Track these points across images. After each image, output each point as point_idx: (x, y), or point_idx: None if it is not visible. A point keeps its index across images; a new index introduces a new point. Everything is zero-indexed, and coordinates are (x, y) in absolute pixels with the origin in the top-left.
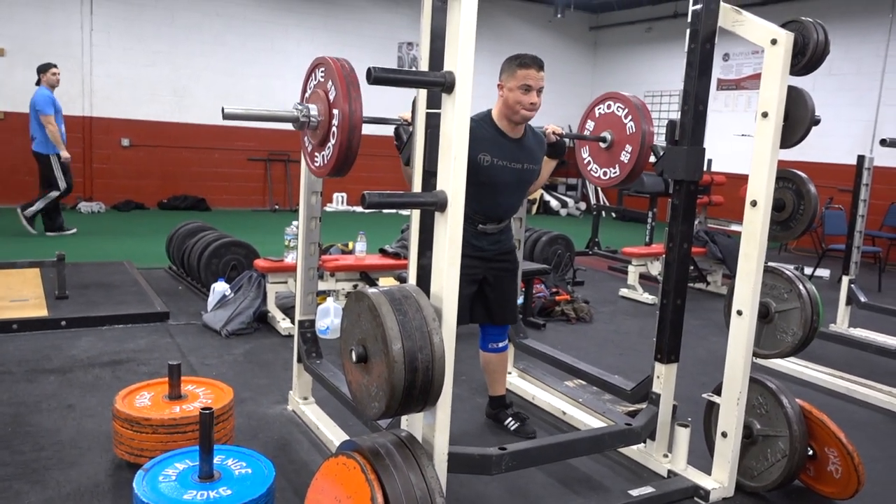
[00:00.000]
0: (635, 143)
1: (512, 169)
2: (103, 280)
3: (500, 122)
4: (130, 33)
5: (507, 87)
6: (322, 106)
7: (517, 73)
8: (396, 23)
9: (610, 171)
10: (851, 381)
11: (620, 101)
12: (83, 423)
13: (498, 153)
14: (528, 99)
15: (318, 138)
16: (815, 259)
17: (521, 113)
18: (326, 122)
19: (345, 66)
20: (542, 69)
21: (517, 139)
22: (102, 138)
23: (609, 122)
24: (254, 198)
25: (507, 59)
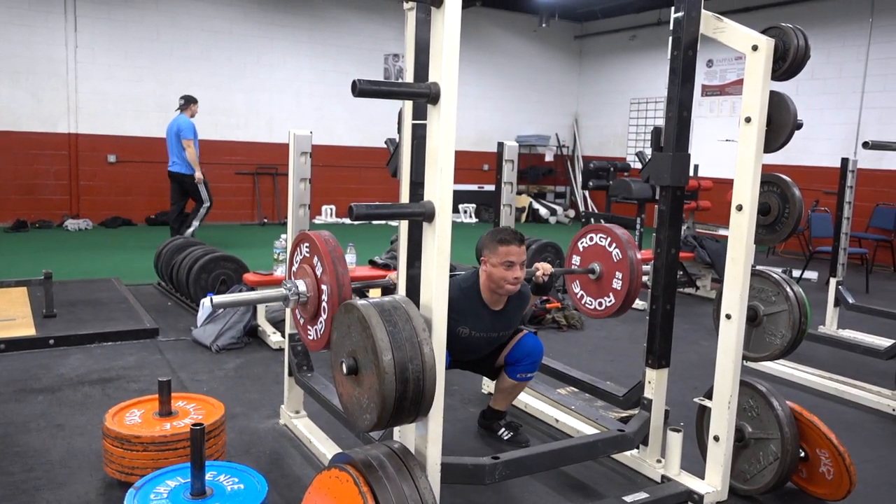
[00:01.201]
0: (625, 269)
1: (488, 338)
2: (91, 297)
3: (485, 294)
4: (115, 49)
5: (491, 263)
6: (310, 281)
7: (499, 250)
8: (382, 35)
9: (605, 300)
10: (841, 382)
11: (602, 231)
12: (73, 443)
13: (477, 326)
14: (511, 275)
15: (310, 313)
16: (802, 261)
17: (505, 288)
18: (316, 298)
19: (328, 241)
20: (523, 243)
21: (499, 310)
22: (89, 155)
23: (595, 254)
24: (242, 212)
25: (487, 234)
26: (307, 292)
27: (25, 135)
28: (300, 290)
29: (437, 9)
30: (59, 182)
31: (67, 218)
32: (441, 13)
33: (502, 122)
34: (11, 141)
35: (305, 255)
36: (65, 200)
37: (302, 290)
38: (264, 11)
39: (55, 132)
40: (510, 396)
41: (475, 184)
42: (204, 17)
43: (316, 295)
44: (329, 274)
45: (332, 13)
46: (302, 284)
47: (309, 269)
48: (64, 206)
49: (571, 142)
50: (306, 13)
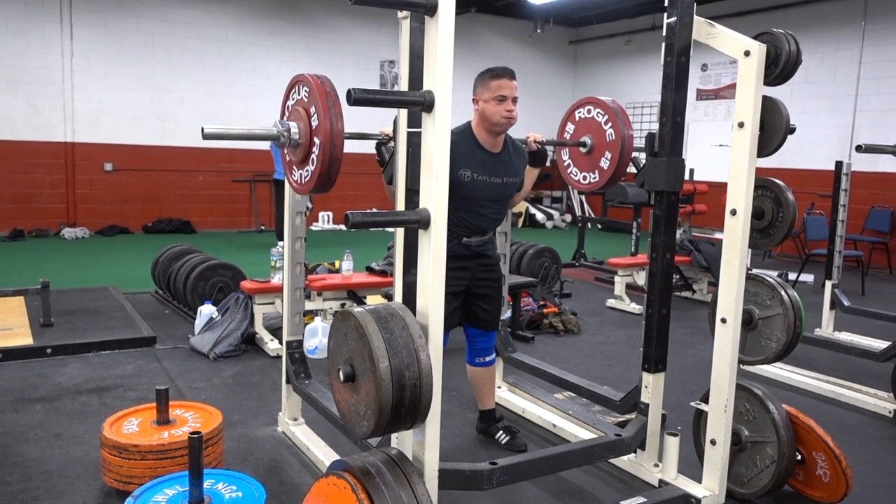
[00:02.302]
0: (615, 149)
1: (493, 183)
2: (88, 306)
3: (480, 136)
4: (111, 58)
5: (483, 100)
6: (303, 124)
7: (490, 84)
8: (378, 42)
9: (590, 175)
10: (837, 384)
11: (599, 106)
12: (71, 452)
13: (479, 168)
14: (503, 108)
15: (300, 156)
16: (798, 264)
17: (499, 122)
18: (308, 140)
19: (325, 82)
20: (514, 78)
21: (497, 153)
22: (85, 164)
23: (589, 127)
24: (239, 219)
25: (479, 73)
26: (299, 134)
27: (22, 143)
28: (292, 132)
29: (431, 17)
30: (56, 191)
31: (64, 226)
32: (435, 22)
33: None
34: (8, 150)
35: (300, 98)
36: (61, 209)
37: (294, 132)
38: (260, 19)
39: (51, 141)
40: (486, 388)
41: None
42: (199, 25)
43: (308, 137)
44: (323, 114)
45: (327, 20)
46: (294, 126)
47: (302, 111)
48: (61, 214)
49: None
50: (301, 20)
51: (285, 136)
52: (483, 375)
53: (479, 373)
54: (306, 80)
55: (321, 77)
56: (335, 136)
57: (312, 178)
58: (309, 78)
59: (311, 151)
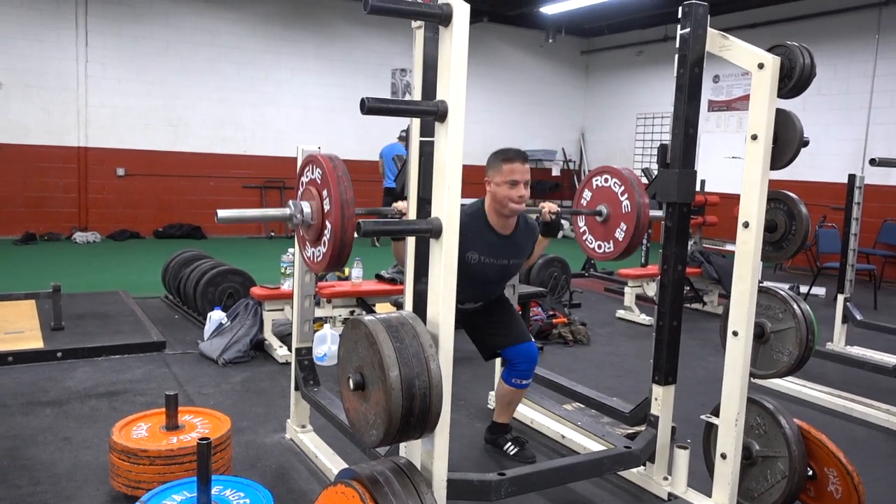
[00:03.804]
0: (630, 221)
1: (498, 265)
2: (99, 310)
3: (492, 218)
4: (125, 64)
5: (495, 183)
6: (315, 204)
7: (503, 168)
8: (390, 50)
9: (605, 245)
10: (849, 399)
11: (616, 176)
12: (80, 456)
13: (486, 251)
14: (515, 193)
15: (313, 236)
16: (810, 278)
17: (510, 207)
18: (320, 223)
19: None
20: (527, 161)
21: (507, 236)
22: (98, 168)
23: (605, 196)
24: (249, 225)
25: (491, 154)
26: (312, 214)
27: (35, 148)
28: (304, 211)
29: (446, 28)
30: (68, 195)
31: (76, 231)
32: (449, 32)
33: (509, 136)
34: (21, 154)
35: (311, 178)
36: (73, 213)
37: (307, 213)
38: (272, 27)
39: (65, 145)
40: (510, 407)
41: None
42: (213, 33)
43: (320, 218)
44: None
45: (339, 28)
46: (307, 206)
47: (315, 191)
48: (72, 218)
49: (578, 156)
50: (314, 28)
51: (298, 217)
52: (514, 395)
53: (510, 391)
54: (319, 162)
55: (333, 159)
56: (346, 223)
57: (325, 260)
58: (320, 158)
59: (322, 233)
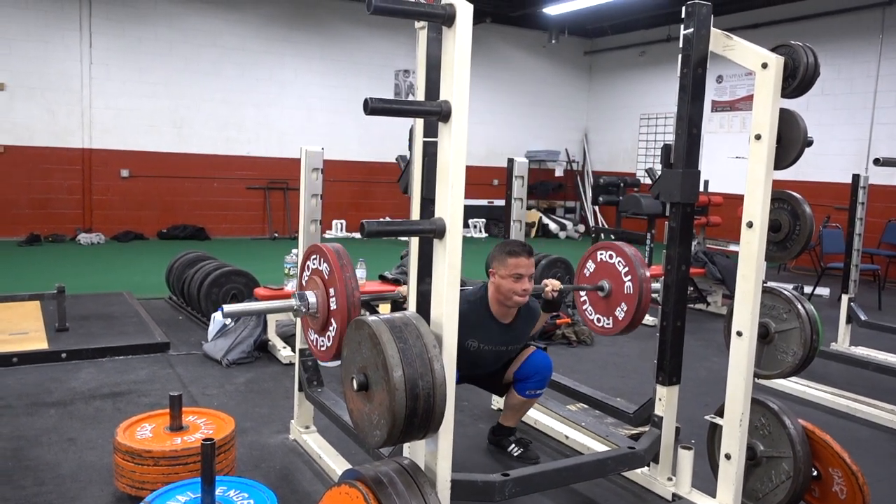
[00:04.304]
0: (631, 302)
1: (498, 351)
2: (103, 311)
3: (494, 307)
4: (129, 66)
5: (500, 275)
6: (320, 293)
7: (508, 262)
8: (393, 51)
9: (605, 320)
10: (854, 399)
11: (619, 254)
12: (84, 457)
13: (486, 339)
14: (520, 287)
15: (319, 324)
16: (814, 278)
17: (513, 300)
18: (325, 310)
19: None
20: (532, 255)
21: (508, 324)
22: (102, 170)
23: (607, 272)
24: (253, 226)
25: (496, 246)
26: (316, 304)
27: (39, 149)
28: (310, 302)
29: (449, 28)
30: (73, 196)
31: (80, 232)
32: (452, 32)
33: (512, 137)
34: (26, 155)
35: (316, 268)
36: (78, 214)
37: (311, 302)
38: (276, 28)
39: (69, 147)
40: (519, 413)
41: (485, 199)
42: (216, 34)
43: (325, 307)
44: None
45: (342, 30)
46: (312, 296)
47: (319, 281)
48: (77, 220)
49: (581, 157)
50: (317, 30)
51: (304, 309)
52: (524, 404)
53: (523, 402)
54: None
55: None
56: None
57: (330, 352)
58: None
59: (328, 325)
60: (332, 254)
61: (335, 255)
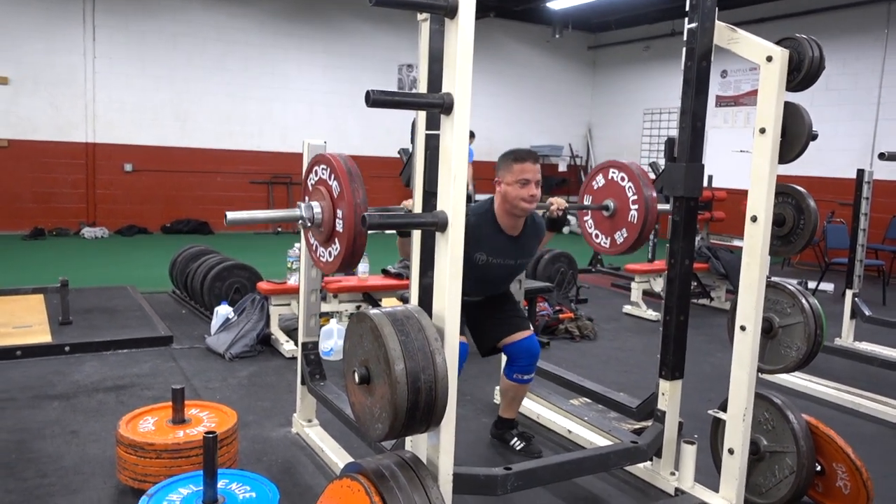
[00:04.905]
0: (638, 215)
1: (507, 265)
2: (107, 305)
3: (501, 219)
4: (132, 59)
5: (506, 183)
6: (326, 203)
7: (513, 167)
8: (396, 45)
9: (612, 239)
10: (858, 395)
11: (623, 170)
12: (87, 449)
13: (494, 252)
14: (526, 192)
15: (324, 235)
16: (818, 273)
17: (521, 206)
18: (331, 219)
19: (347, 162)
20: (538, 161)
21: (516, 237)
22: (105, 164)
23: (612, 191)
24: None
25: (501, 155)
26: (321, 217)
27: (43, 143)
28: (315, 214)
29: (451, 20)
30: (76, 190)
31: (84, 226)
32: (455, 24)
33: (515, 132)
34: (29, 149)
35: (322, 178)
36: (81, 209)
37: (317, 214)
38: (279, 22)
39: (72, 141)
40: (514, 402)
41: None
42: (220, 28)
43: (331, 222)
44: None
45: (346, 24)
46: (318, 208)
47: (325, 193)
48: (80, 214)
49: (585, 152)
50: (321, 24)
51: (308, 218)
52: (517, 390)
53: (515, 388)
54: (328, 161)
55: (343, 157)
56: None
57: (337, 260)
58: (329, 157)
59: (333, 234)
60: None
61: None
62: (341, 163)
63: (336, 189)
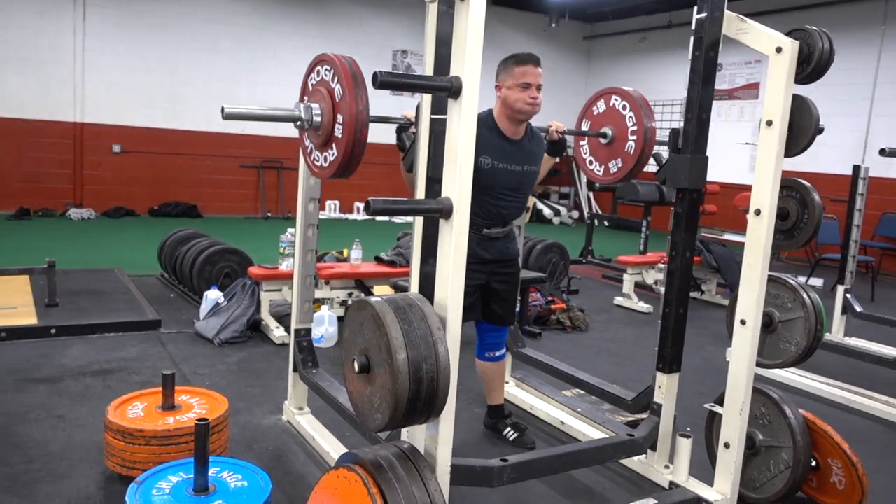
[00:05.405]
0: (639, 135)
1: (513, 171)
2: (94, 287)
3: (501, 123)
4: (123, 39)
5: (506, 87)
6: (325, 105)
7: (515, 70)
8: (392, 31)
9: (614, 163)
10: (849, 390)
11: (618, 94)
12: (73, 434)
13: (499, 156)
14: (528, 95)
15: (321, 139)
16: (807, 268)
17: (523, 110)
18: (330, 122)
19: (351, 63)
20: (539, 65)
21: (517, 140)
22: (94, 144)
23: (609, 118)
24: (246, 205)
25: (502, 60)
26: (321, 121)
27: (31, 122)
28: (314, 116)
29: (462, 2)
30: (64, 171)
31: (71, 207)
32: (465, 6)
33: None
34: (17, 128)
35: (323, 78)
36: (68, 189)
37: (316, 113)
38: (275, 4)
39: (61, 120)
40: (494, 384)
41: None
42: (213, 9)
43: (331, 118)
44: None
45: (342, 8)
46: (317, 110)
47: (325, 91)
48: (67, 194)
49: None
50: (316, 7)
51: (307, 124)
52: (493, 370)
53: (488, 367)
54: (330, 60)
55: (346, 56)
56: (360, 116)
57: (333, 165)
58: (333, 57)
59: (332, 134)
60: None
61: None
62: (346, 65)
63: (339, 93)
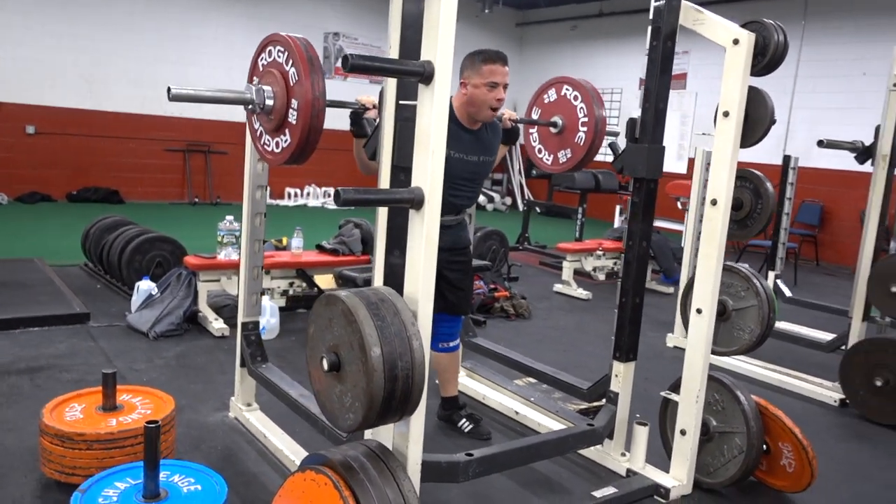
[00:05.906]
0: (590, 126)
1: (470, 161)
2: (12, 279)
3: (460, 113)
4: (32, 13)
5: (472, 84)
6: (278, 88)
7: (482, 69)
8: (322, 12)
9: (563, 153)
10: (784, 373)
11: (570, 84)
12: (3, 439)
13: (457, 146)
14: (494, 96)
15: (273, 123)
16: (734, 255)
17: (487, 112)
18: (283, 106)
19: (307, 45)
20: (507, 63)
21: (475, 131)
22: (4, 125)
23: (559, 108)
24: (171, 190)
25: (469, 54)
26: (273, 105)
27: None
28: (266, 100)
29: None
30: None
31: None
32: None
33: None
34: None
35: (275, 60)
36: None
37: (268, 97)
38: None
39: None
40: (450, 375)
41: None
42: None
43: (284, 102)
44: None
45: None
46: (269, 94)
47: (278, 73)
48: None
49: None
50: None
51: (258, 107)
52: (447, 361)
53: (442, 358)
54: (284, 41)
55: (301, 38)
56: (316, 102)
57: (286, 152)
58: (287, 38)
59: (286, 119)
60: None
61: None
62: (301, 48)
63: (293, 76)
